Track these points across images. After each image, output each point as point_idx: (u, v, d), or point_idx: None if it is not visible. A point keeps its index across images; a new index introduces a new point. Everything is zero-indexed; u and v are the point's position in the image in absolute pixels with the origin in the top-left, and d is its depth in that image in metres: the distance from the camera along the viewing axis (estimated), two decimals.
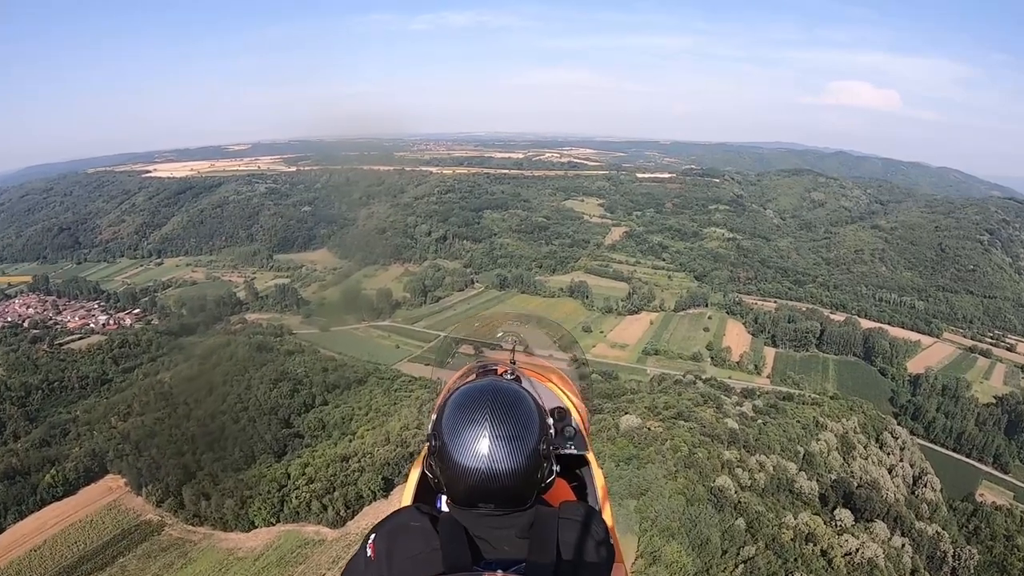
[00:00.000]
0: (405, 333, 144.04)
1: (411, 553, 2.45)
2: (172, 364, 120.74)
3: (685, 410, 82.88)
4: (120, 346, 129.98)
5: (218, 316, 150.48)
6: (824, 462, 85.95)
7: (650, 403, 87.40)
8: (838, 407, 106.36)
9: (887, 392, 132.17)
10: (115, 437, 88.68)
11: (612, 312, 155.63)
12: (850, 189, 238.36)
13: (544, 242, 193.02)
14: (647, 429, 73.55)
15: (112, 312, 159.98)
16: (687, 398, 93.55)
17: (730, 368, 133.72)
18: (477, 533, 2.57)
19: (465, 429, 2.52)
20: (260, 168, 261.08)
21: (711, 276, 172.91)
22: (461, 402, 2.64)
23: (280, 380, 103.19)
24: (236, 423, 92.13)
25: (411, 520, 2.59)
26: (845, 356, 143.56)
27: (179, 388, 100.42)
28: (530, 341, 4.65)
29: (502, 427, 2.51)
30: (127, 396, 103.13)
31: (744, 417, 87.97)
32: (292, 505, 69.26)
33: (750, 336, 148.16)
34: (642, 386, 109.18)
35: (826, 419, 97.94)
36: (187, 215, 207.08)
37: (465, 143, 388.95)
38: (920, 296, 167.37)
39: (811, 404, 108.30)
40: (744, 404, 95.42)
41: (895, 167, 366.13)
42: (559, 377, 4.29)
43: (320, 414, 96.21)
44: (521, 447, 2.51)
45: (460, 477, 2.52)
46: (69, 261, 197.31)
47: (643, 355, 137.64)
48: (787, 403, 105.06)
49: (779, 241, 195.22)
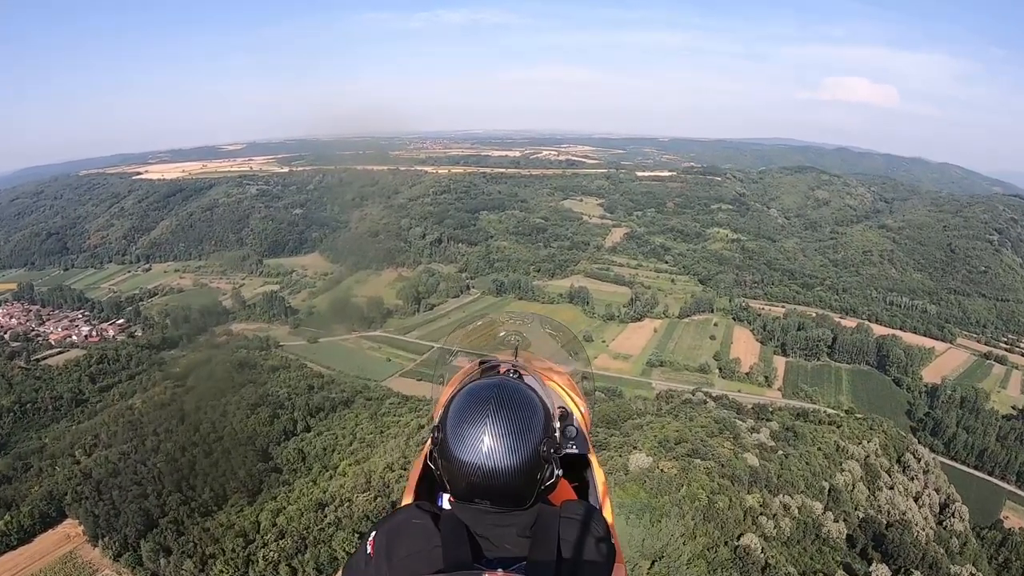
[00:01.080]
0: (397, 344, 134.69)
1: (412, 550, 2.43)
2: (149, 383, 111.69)
3: (700, 445, 73.26)
4: (98, 362, 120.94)
5: (203, 327, 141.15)
6: (850, 497, 76.89)
7: (660, 435, 77.78)
8: (858, 427, 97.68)
9: (903, 404, 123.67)
10: (76, 475, 79.10)
11: (614, 319, 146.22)
12: (854, 187, 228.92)
13: (542, 244, 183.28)
14: (660, 471, 64.07)
15: (95, 323, 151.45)
16: (699, 424, 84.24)
17: (739, 380, 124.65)
18: (478, 531, 2.54)
19: (467, 425, 2.48)
20: (252, 169, 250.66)
21: (716, 280, 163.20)
22: (466, 398, 2.60)
23: (259, 404, 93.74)
24: (208, 456, 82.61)
25: (412, 518, 2.57)
26: (858, 365, 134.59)
27: (150, 416, 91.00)
28: (532, 340, 4.26)
29: (502, 425, 2.46)
30: (97, 423, 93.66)
31: (763, 448, 78.51)
32: (258, 569, 59.68)
33: (759, 344, 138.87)
34: (648, 405, 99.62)
35: (847, 442, 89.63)
36: (176, 219, 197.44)
37: (462, 141, 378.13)
38: (931, 299, 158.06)
39: (828, 423, 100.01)
40: (761, 430, 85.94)
41: (896, 163, 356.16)
42: (561, 377, 3.93)
43: (301, 443, 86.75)
44: (520, 447, 2.45)
45: (459, 472, 2.47)
46: (57, 267, 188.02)
47: (648, 366, 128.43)
48: (804, 424, 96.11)
49: (784, 242, 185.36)
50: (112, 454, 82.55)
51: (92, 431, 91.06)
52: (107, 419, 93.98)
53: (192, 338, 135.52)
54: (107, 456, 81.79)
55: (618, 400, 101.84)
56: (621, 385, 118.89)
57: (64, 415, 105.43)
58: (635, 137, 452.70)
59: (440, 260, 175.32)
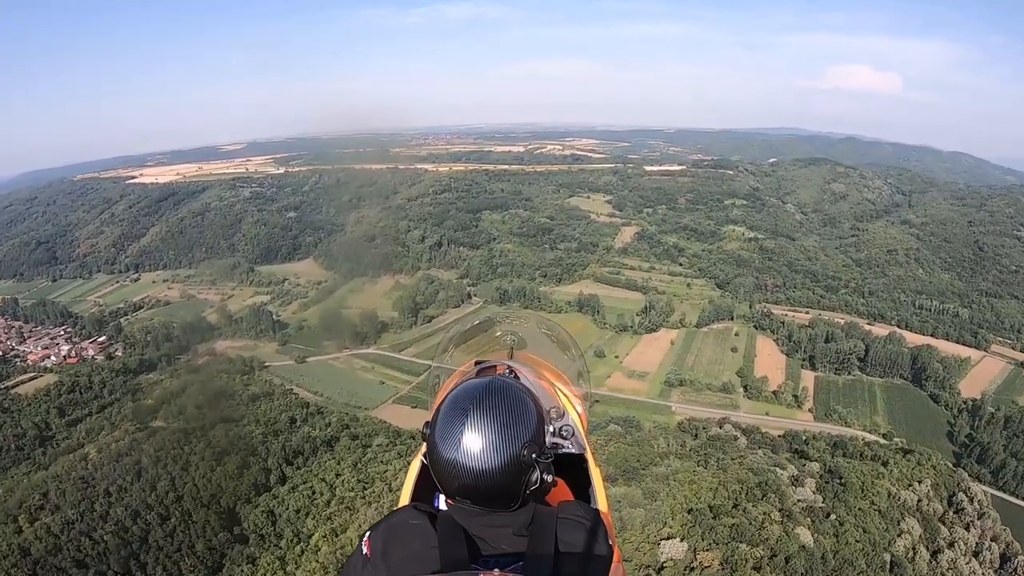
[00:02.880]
0: (391, 363, 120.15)
1: (409, 551, 2.39)
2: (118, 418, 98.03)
3: (743, 518, 58.44)
4: (69, 391, 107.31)
5: (185, 346, 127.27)
6: (913, 569, 62.47)
7: (691, 492, 63.40)
8: (906, 465, 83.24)
9: (943, 425, 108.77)
10: (14, 551, 64.87)
11: (627, 330, 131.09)
12: (871, 179, 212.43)
13: (548, 246, 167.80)
14: (700, 565, 49.59)
15: (76, 340, 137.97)
16: (735, 477, 69.48)
17: (767, 401, 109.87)
18: (475, 531, 2.47)
19: (452, 423, 2.40)
20: (248, 170, 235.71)
21: (734, 283, 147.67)
22: (455, 397, 2.51)
23: (228, 452, 79.29)
24: (164, 523, 68.62)
25: (409, 519, 2.54)
26: (891, 379, 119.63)
27: (104, 471, 76.78)
28: (528, 340, 4.25)
29: (486, 425, 2.36)
30: (50, 476, 79.41)
31: (813, 513, 63.74)
32: None
33: (784, 356, 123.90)
34: (671, 440, 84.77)
35: (899, 488, 75.41)
36: (167, 225, 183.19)
37: (465, 136, 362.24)
38: (962, 302, 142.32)
39: (872, 458, 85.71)
40: (805, 481, 71.21)
41: (906, 152, 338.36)
42: (556, 375, 3.93)
43: (273, 502, 72.39)
44: (504, 448, 2.35)
45: (446, 471, 2.39)
46: (45, 278, 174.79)
47: (666, 386, 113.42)
48: (848, 463, 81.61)
49: (804, 240, 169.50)
50: (56, 522, 68.37)
51: (43, 486, 76.79)
52: (60, 471, 79.74)
53: (172, 359, 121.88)
54: (50, 526, 67.58)
55: (636, 434, 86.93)
56: (637, 410, 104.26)
57: (26, 456, 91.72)
58: (640, 129, 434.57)
59: (440, 265, 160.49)
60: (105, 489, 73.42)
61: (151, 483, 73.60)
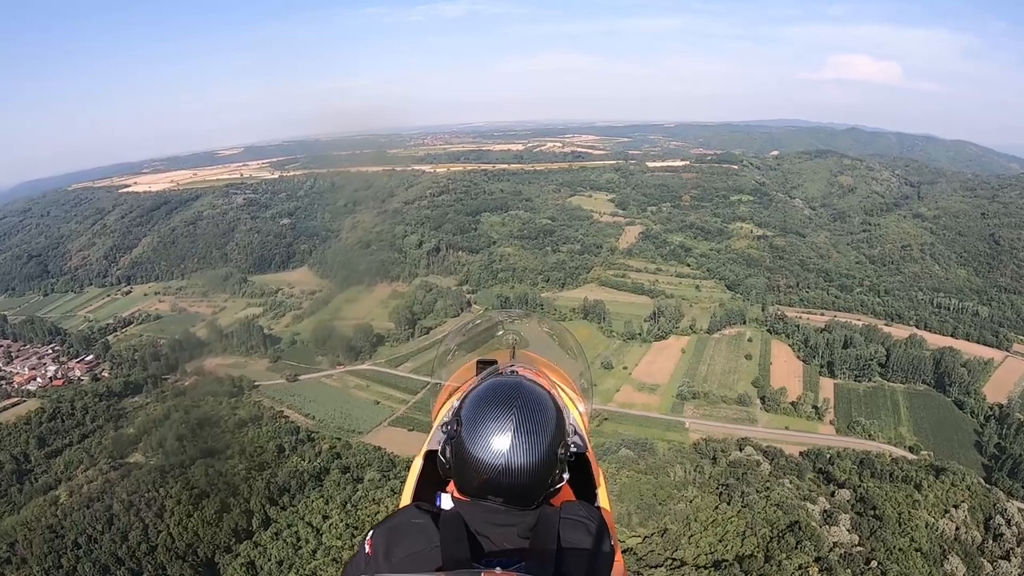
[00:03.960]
0: (387, 380, 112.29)
1: (411, 550, 2.37)
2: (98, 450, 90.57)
3: (775, 572, 50.60)
4: (51, 418, 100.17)
5: (173, 365, 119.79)
6: None
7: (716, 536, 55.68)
8: (940, 488, 76.41)
9: (970, 434, 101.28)
10: None
11: (636, 338, 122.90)
12: (878, 171, 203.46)
13: (551, 249, 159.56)
14: None
15: (64, 360, 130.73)
16: (761, 516, 61.75)
17: (785, 413, 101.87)
18: (479, 529, 2.47)
19: (489, 422, 2.43)
20: (242, 176, 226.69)
21: (745, 284, 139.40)
22: (487, 395, 2.54)
23: (207, 494, 71.57)
24: None
25: (411, 518, 2.52)
26: (913, 384, 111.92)
27: (73, 518, 69.11)
28: (530, 339, 4.23)
29: (527, 425, 2.42)
30: (19, 521, 71.83)
31: (852, 562, 55.75)
32: None
33: (800, 363, 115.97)
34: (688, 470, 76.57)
35: (936, 516, 68.43)
36: (158, 235, 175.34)
37: (463, 135, 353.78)
38: (981, 300, 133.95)
39: (903, 480, 79.11)
40: (839, 519, 63.31)
41: (909, 142, 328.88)
42: (558, 374, 3.90)
43: (254, 552, 64.68)
44: (539, 447, 2.42)
45: (475, 468, 2.42)
46: (37, 292, 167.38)
47: (678, 399, 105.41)
48: (879, 488, 74.31)
49: (814, 237, 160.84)
50: None
51: (12, 534, 69.30)
52: (31, 515, 72.11)
53: (159, 380, 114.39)
54: None
55: (649, 460, 78.97)
56: (650, 428, 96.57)
57: (2, 493, 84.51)
58: (640, 124, 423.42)
59: (438, 271, 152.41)
60: (74, 540, 66.07)
61: (123, 532, 66.06)
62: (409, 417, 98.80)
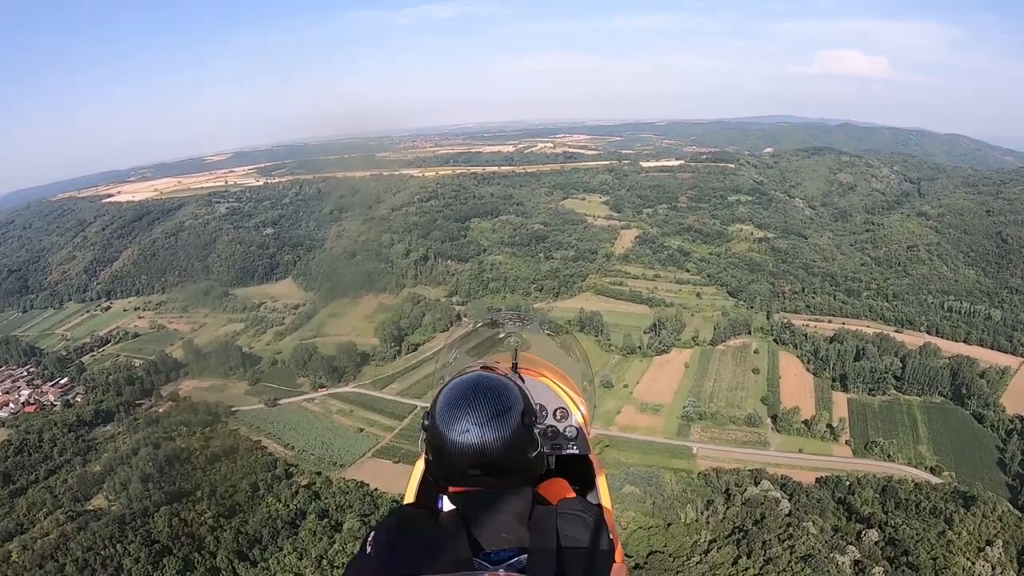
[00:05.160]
0: (372, 405, 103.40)
1: (412, 549, 2.37)
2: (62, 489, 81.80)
3: None
4: (18, 452, 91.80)
5: (148, 389, 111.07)
6: None
7: None
8: (972, 521, 68.88)
9: (992, 451, 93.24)
10: None
11: (636, 353, 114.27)
12: (877, 168, 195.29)
13: (544, 256, 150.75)
14: None
15: (38, 383, 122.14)
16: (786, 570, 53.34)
17: (798, 434, 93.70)
18: (478, 521, 2.46)
19: (450, 409, 2.48)
20: (226, 183, 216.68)
21: (748, 290, 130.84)
22: (450, 387, 2.60)
23: (168, 551, 62.81)
24: None
25: (412, 517, 2.56)
26: (930, 396, 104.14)
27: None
28: (532, 341, 4.14)
29: (490, 400, 2.47)
30: None
31: None
32: None
33: (811, 376, 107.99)
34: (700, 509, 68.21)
35: (971, 557, 61.32)
36: (139, 247, 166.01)
37: (453, 136, 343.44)
38: (993, 302, 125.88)
39: (931, 513, 71.57)
40: (872, 572, 55.08)
41: (902, 136, 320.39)
42: (561, 377, 3.86)
43: None
44: (506, 416, 2.45)
45: (450, 452, 2.45)
46: (16, 309, 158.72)
47: (683, 420, 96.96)
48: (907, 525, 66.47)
49: (817, 238, 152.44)
50: None
51: None
52: None
53: (132, 407, 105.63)
54: None
55: (657, 497, 70.49)
56: (654, 454, 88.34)
57: None
58: (631, 122, 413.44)
59: (426, 282, 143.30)
60: None
61: None
62: (395, 447, 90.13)
